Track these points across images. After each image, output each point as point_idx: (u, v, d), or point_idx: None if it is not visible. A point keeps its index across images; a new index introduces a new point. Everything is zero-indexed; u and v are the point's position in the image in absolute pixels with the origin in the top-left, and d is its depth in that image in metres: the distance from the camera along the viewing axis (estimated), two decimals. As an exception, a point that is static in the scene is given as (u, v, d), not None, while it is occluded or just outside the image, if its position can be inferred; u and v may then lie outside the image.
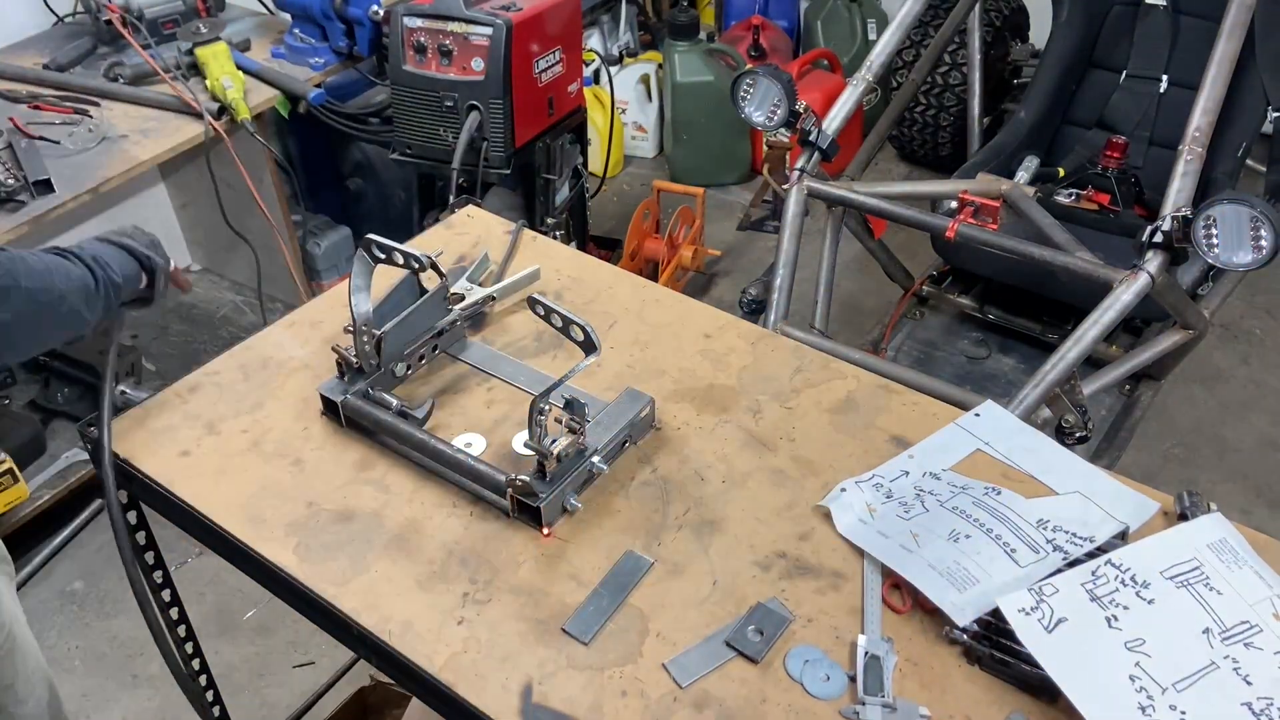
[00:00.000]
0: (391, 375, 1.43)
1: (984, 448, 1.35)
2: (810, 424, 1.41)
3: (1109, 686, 1.01)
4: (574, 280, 1.69)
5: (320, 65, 2.86)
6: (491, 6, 2.59)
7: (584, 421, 1.25)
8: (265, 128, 2.87)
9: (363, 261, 1.38)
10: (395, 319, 1.40)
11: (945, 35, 2.91)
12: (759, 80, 2.30)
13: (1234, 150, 2.60)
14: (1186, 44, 2.70)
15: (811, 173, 2.35)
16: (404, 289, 1.47)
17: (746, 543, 1.23)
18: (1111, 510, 1.22)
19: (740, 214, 3.91)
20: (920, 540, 1.19)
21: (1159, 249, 1.97)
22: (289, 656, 2.11)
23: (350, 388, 1.38)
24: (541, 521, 1.23)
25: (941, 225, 2.18)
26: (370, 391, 1.38)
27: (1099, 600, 1.08)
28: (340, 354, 1.40)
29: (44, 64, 2.69)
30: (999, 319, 2.70)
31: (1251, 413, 3.01)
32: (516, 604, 1.16)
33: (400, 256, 1.35)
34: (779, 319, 2.23)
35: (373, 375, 1.39)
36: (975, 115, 3.05)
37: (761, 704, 1.05)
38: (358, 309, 1.36)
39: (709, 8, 4.70)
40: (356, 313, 1.36)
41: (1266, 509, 2.70)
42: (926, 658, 1.10)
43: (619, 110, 4.09)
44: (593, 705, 1.05)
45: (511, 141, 2.67)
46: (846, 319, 3.30)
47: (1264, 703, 0.99)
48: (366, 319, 1.37)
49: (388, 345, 1.39)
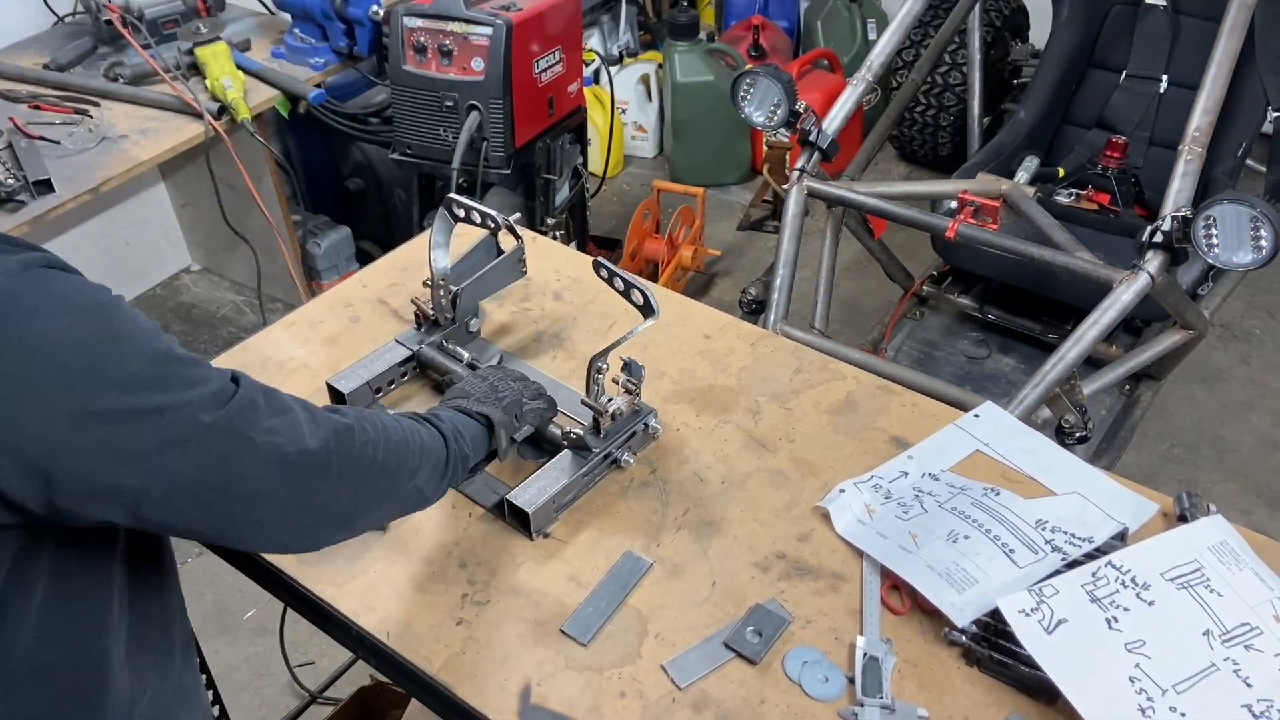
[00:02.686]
0: (465, 330, 1.50)
1: (983, 448, 1.35)
2: (810, 425, 1.41)
3: (1109, 688, 1.01)
4: (574, 280, 1.68)
5: (320, 65, 2.86)
6: (491, 6, 2.59)
7: (640, 382, 1.30)
8: (265, 128, 2.87)
9: (443, 219, 1.46)
10: (472, 276, 1.48)
11: (945, 35, 2.91)
12: (759, 80, 2.30)
13: (1234, 150, 2.59)
14: (1186, 44, 2.70)
15: (811, 173, 2.35)
16: (482, 249, 1.55)
17: (746, 544, 1.23)
18: (1110, 511, 1.22)
19: (740, 214, 3.91)
20: (919, 541, 1.19)
21: (1159, 249, 1.97)
22: (289, 656, 2.11)
23: (426, 338, 1.47)
24: (530, 529, 1.23)
25: (941, 225, 2.18)
26: (445, 344, 1.46)
27: (1099, 601, 1.08)
28: (419, 306, 1.48)
29: (44, 64, 2.69)
30: (999, 319, 2.70)
31: (1251, 413, 3.01)
32: (515, 605, 1.16)
33: (478, 216, 1.44)
34: (779, 319, 2.23)
35: (447, 329, 1.47)
36: (975, 115, 3.05)
37: (760, 705, 1.05)
38: (436, 264, 1.45)
39: (709, 8, 4.70)
40: (435, 268, 1.45)
41: (1266, 509, 2.70)
42: (925, 659, 1.10)
43: (619, 110, 4.09)
44: (591, 706, 1.05)
45: (511, 141, 2.67)
46: (846, 319, 3.30)
47: (1264, 704, 0.99)
48: (444, 274, 1.45)
49: (463, 301, 1.46)
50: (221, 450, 0.81)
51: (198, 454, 0.79)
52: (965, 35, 3.12)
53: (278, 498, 0.86)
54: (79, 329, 0.74)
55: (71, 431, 0.73)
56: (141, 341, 0.78)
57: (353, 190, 3.31)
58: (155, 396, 0.77)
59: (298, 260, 3.04)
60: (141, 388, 0.76)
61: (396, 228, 3.17)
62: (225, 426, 0.81)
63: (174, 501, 0.80)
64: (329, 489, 0.90)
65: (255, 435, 0.83)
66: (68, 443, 0.73)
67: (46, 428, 0.72)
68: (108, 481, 0.76)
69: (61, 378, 0.73)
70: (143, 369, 0.77)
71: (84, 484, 0.75)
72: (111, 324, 0.77)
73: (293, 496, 0.87)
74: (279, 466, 0.85)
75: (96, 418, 0.74)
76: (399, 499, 1.03)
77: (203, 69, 2.64)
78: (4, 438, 0.71)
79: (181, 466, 0.79)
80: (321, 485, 0.89)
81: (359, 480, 0.94)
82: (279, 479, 0.85)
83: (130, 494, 0.77)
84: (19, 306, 0.71)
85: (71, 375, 0.73)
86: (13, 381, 0.71)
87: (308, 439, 0.87)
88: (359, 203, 3.34)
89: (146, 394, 0.76)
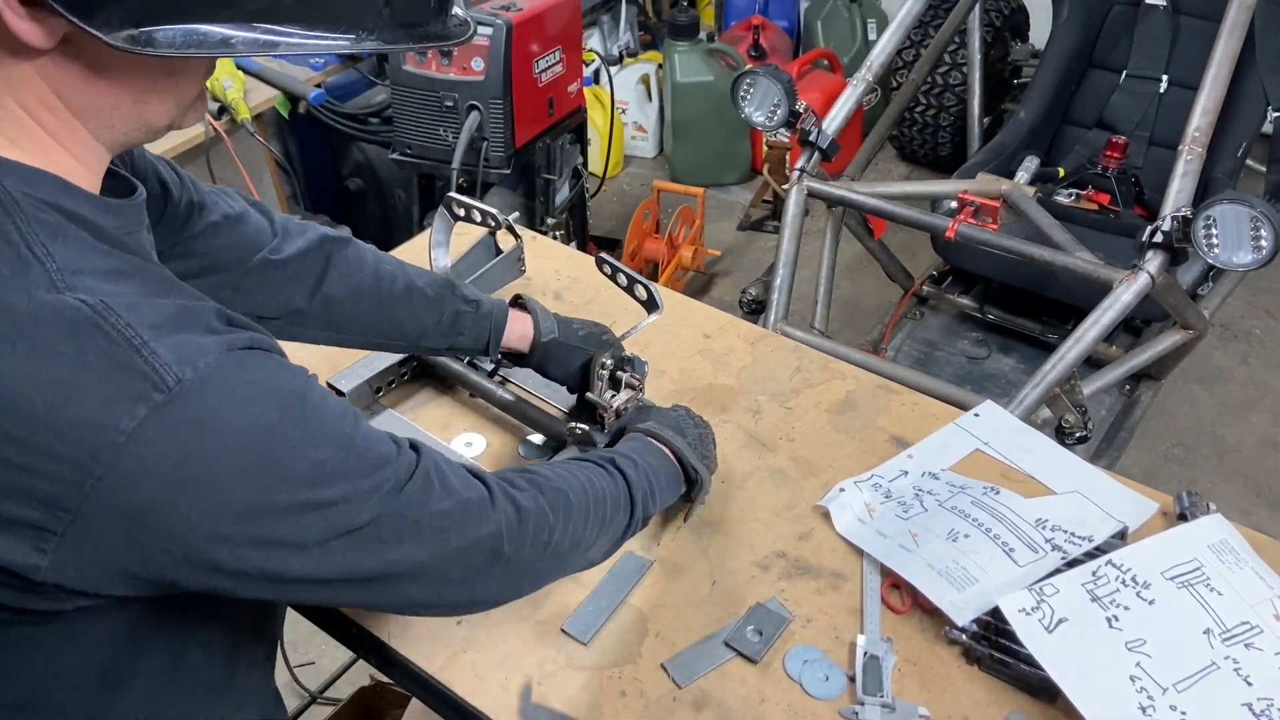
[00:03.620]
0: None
1: (983, 448, 1.35)
2: (810, 424, 1.41)
3: (1109, 687, 1.01)
4: (574, 280, 1.68)
5: (320, 65, 2.87)
6: (491, 6, 2.59)
7: (644, 378, 1.29)
8: (265, 128, 2.87)
9: (443, 218, 1.47)
10: (472, 276, 1.49)
11: (945, 35, 2.91)
12: (759, 80, 2.30)
13: (1234, 150, 2.60)
14: (1186, 44, 2.70)
15: (811, 173, 2.35)
16: (481, 248, 1.56)
17: (746, 543, 1.23)
18: (1110, 510, 1.22)
19: (740, 214, 3.91)
20: (919, 540, 1.19)
21: (1159, 249, 1.97)
22: (289, 656, 2.11)
23: None
24: None
25: (941, 225, 2.18)
26: None
27: (1100, 600, 1.08)
28: None
29: (44, 64, 2.69)
30: (999, 319, 2.70)
31: (1251, 413, 3.01)
32: (515, 604, 1.15)
33: (478, 214, 1.45)
34: (779, 319, 2.23)
35: None
36: (975, 115, 3.05)
37: (760, 704, 1.05)
38: (437, 263, 1.47)
39: (709, 8, 4.71)
40: (435, 267, 1.47)
41: (1266, 509, 2.70)
42: (926, 658, 1.10)
43: (619, 110, 4.09)
44: (592, 705, 1.05)
45: (511, 141, 2.67)
46: (846, 319, 3.30)
47: (1264, 703, 0.99)
48: (444, 273, 1.47)
49: None
50: (385, 538, 0.77)
51: (365, 542, 0.76)
52: (965, 35, 3.12)
53: (433, 576, 0.82)
54: (267, 418, 0.70)
55: (241, 523, 0.70)
56: (330, 429, 0.74)
57: (353, 190, 3.31)
58: (336, 488, 0.73)
59: (298, 260, 3.03)
60: (323, 480, 0.72)
61: (396, 228, 3.17)
62: (396, 514, 0.77)
63: (328, 587, 0.77)
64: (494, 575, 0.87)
65: (423, 521, 0.79)
66: (237, 533, 0.70)
67: (218, 518, 0.69)
68: (265, 568, 0.72)
69: (242, 469, 0.69)
70: (327, 459, 0.73)
71: (242, 575, 0.72)
72: (302, 412, 0.73)
73: (448, 576, 0.83)
74: (439, 558, 0.81)
75: (272, 509, 0.71)
76: (565, 573, 0.99)
77: (203, 69, 2.63)
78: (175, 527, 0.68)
79: (345, 555, 0.75)
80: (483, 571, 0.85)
81: (523, 568, 0.89)
82: (436, 565, 0.81)
83: (289, 581, 0.74)
84: (212, 393, 0.67)
85: (253, 467, 0.69)
86: (193, 468, 0.67)
87: (477, 527, 0.83)
88: (359, 203, 3.34)
89: (327, 486, 0.73)
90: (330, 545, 0.74)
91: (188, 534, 0.68)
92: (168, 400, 0.65)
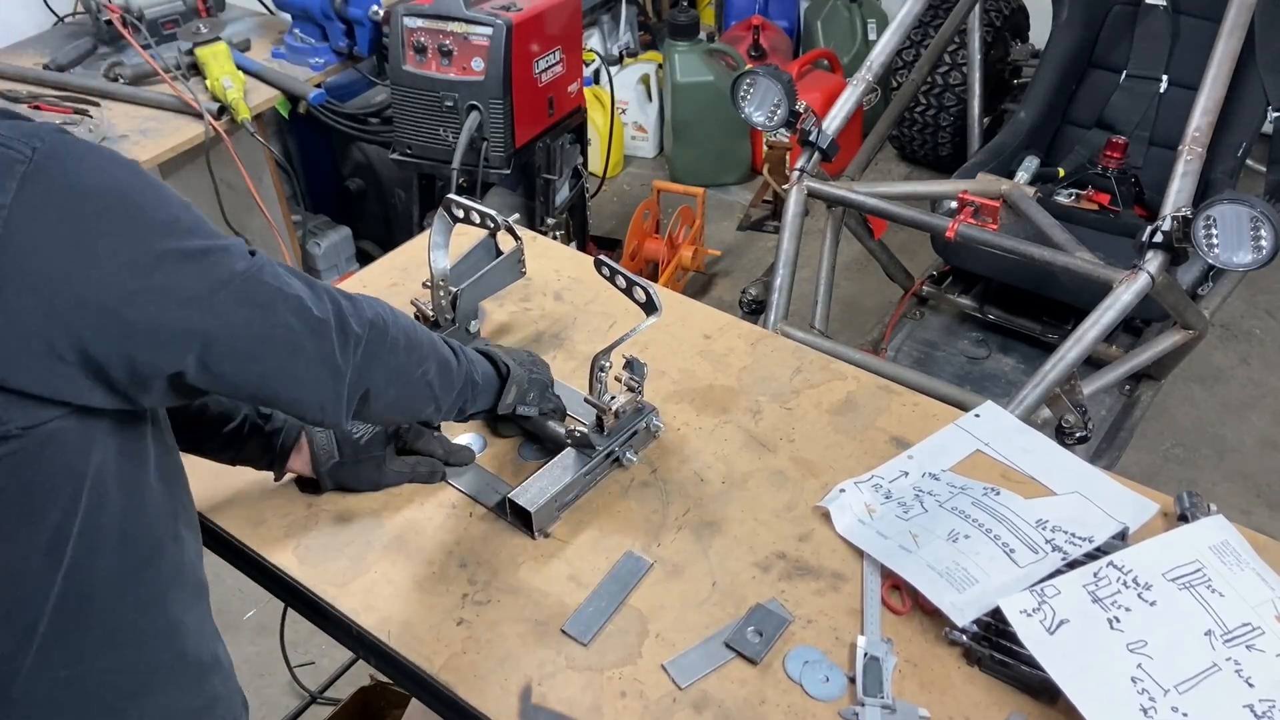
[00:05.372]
0: (466, 332, 1.50)
1: (983, 448, 1.35)
2: (810, 425, 1.41)
3: (1111, 688, 1.01)
4: (574, 280, 1.68)
5: (320, 65, 2.86)
6: (491, 6, 2.59)
7: (643, 380, 1.30)
8: (265, 128, 2.87)
9: (442, 220, 1.46)
10: (472, 277, 1.48)
11: (945, 35, 2.91)
12: (759, 80, 2.30)
13: (1234, 150, 2.59)
14: (1186, 44, 2.70)
15: (811, 173, 2.35)
16: (481, 249, 1.55)
17: (746, 544, 1.23)
18: (1110, 511, 1.22)
19: (740, 214, 3.91)
20: (919, 541, 1.19)
21: (1159, 249, 1.97)
22: (289, 656, 2.11)
23: None
24: (532, 528, 1.23)
25: (941, 225, 2.18)
26: None
27: (1101, 602, 1.08)
28: (418, 308, 1.49)
29: (44, 64, 2.69)
30: (999, 319, 2.70)
31: (1251, 413, 3.01)
32: (516, 605, 1.16)
33: (477, 216, 1.44)
34: (779, 319, 2.23)
35: (447, 329, 1.47)
36: (975, 115, 3.05)
37: (761, 705, 1.05)
38: (436, 265, 1.45)
39: (709, 8, 4.70)
40: (435, 269, 1.45)
41: (1266, 509, 2.70)
42: (926, 659, 1.10)
43: (619, 110, 4.09)
44: (592, 706, 1.05)
45: (511, 141, 2.67)
46: (846, 319, 3.30)
47: (1266, 704, 0.99)
48: (443, 275, 1.45)
49: (463, 302, 1.46)
50: (257, 297, 0.84)
51: (242, 297, 0.83)
52: (965, 35, 3.12)
53: (308, 353, 0.90)
54: (120, 176, 0.77)
55: (137, 276, 0.75)
56: (171, 194, 0.80)
57: (353, 190, 3.31)
58: (198, 240, 0.80)
59: (298, 260, 3.04)
60: (184, 233, 0.79)
61: (396, 228, 3.17)
62: (256, 276, 0.84)
63: (235, 347, 0.83)
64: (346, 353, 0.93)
65: (283, 288, 0.87)
66: (138, 288, 0.76)
67: (116, 274, 0.75)
68: (177, 325, 0.78)
69: (115, 222, 0.75)
70: (180, 215, 0.79)
71: (158, 332, 0.77)
72: (144, 176, 0.79)
73: (319, 354, 0.91)
74: (303, 321, 0.88)
75: (157, 259, 0.76)
76: (409, 384, 1.05)
77: (203, 69, 2.63)
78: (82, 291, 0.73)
79: (232, 309, 0.82)
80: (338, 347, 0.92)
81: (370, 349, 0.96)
82: (306, 333, 0.89)
83: (198, 337, 0.80)
84: (67, 160, 0.73)
85: (126, 220, 0.76)
86: (76, 229, 0.73)
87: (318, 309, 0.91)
88: (359, 203, 3.34)
89: (191, 237, 0.79)
90: (215, 296, 0.81)
91: (90, 293, 0.73)
92: (31, 168, 0.71)
